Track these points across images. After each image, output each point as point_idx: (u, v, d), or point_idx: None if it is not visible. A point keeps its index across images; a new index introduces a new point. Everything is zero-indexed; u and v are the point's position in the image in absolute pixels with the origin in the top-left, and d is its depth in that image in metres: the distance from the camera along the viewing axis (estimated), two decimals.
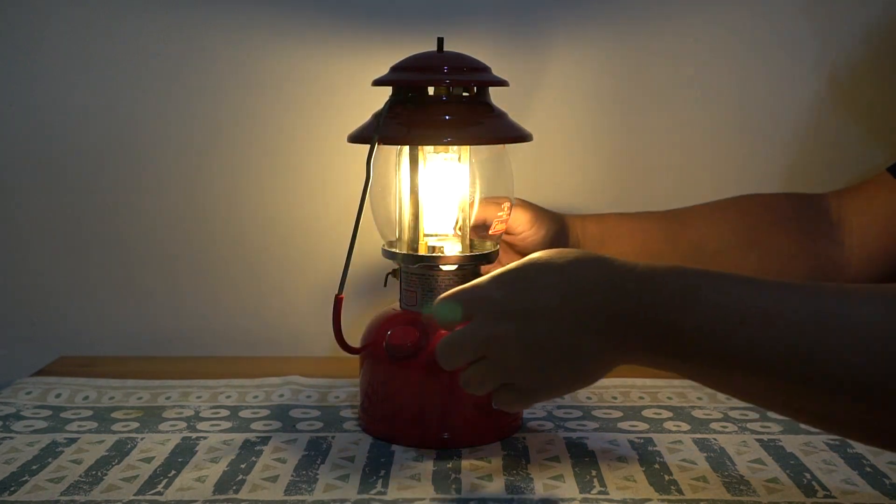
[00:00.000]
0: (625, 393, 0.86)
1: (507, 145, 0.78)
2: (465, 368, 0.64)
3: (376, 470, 0.69)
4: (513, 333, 0.60)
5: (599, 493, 0.65)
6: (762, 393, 0.54)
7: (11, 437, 0.75)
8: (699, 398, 0.85)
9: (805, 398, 0.51)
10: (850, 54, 0.99)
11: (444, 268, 0.75)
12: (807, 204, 0.90)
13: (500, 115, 0.75)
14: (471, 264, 0.76)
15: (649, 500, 0.64)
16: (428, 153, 0.75)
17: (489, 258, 0.77)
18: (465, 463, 0.70)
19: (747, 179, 1.01)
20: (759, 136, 1.00)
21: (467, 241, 0.78)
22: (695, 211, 0.91)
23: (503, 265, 0.64)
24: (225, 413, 0.81)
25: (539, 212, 0.86)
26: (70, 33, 0.98)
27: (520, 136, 0.74)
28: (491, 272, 0.64)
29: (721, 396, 0.85)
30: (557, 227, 0.86)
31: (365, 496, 0.64)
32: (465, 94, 0.74)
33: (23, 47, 0.98)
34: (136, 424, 0.78)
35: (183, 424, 0.78)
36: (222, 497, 0.64)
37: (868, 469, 0.69)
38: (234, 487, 0.66)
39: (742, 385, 0.55)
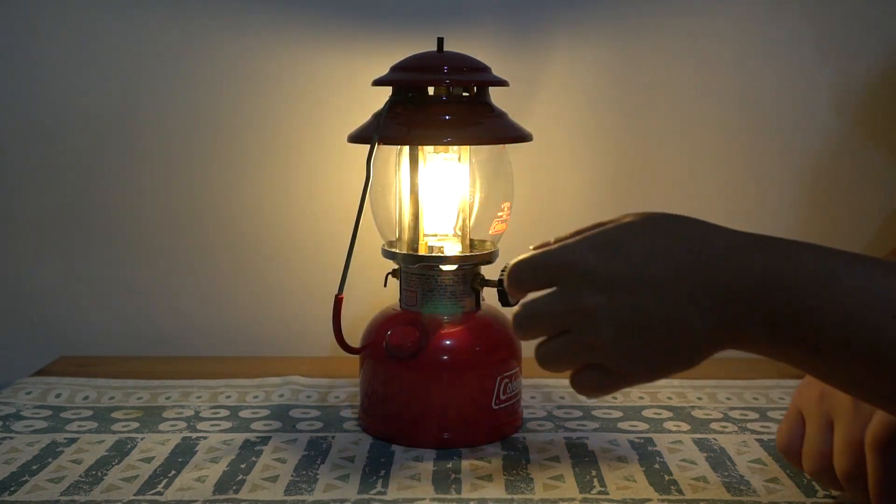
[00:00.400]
0: (625, 393, 0.86)
1: (507, 145, 0.78)
2: (544, 342, 0.56)
3: (376, 470, 0.69)
4: (610, 307, 0.52)
5: (599, 493, 0.65)
6: None
7: (11, 437, 0.75)
8: (699, 398, 0.85)
9: None
10: (854, 52, 0.99)
11: (444, 268, 0.75)
12: None
13: (500, 115, 0.75)
14: (471, 264, 0.76)
15: (649, 500, 0.64)
16: (428, 153, 0.75)
17: (489, 258, 0.77)
18: (465, 463, 0.70)
19: (749, 179, 1.01)
20: (761, 135, 1.00)
21: (467, 241, 0.78)
22: None
23: None
24: (225, 413, 0.81)
25: None
26: (70, 33, 0.98)
27: (520, 136, 0.74)
28: (581, 233, 0.56)
29: (721, 396, 0.85)
30: None
31: (365, 496, 0.64)
32: (465, 94, 0.74)
33: (23, 47, 0.98)
34: (136, 424, 0.78)
35: (183, 424, 0.78)
36: (222, 497, 0.64)
37: None
38: (234, 487, 0.66)
39: (882, 387, 0.48)
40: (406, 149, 0.75)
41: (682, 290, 0.50)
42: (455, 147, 0.76)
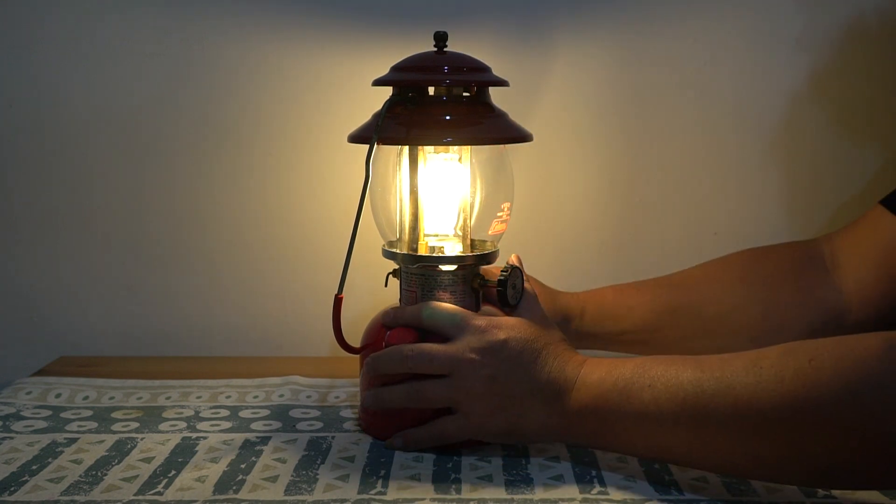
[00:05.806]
0: None
1: (507, 146, 0.78)
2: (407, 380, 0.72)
3: (376, 470, 0.69)
4: (496, 367, 0.69)
5: (599, 493, 0.65)
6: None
7: (11, 437, 0.75)
8: None
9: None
10: (849, 54, 0.99)
11: (444, 268, 0.75)
12: (802, 252, 0.87)
13: (501, 115, 0.75)
14: (471, 264, 0.76)
15: (649, 500, 0.64)
16: (428, 153, 0.75)
17: (489, 258, 0.77)
18: (465, 463, 0.70)
19: (746, 181, 1.01)
20: (759, 136, 1.00)
21: (467, 242, 0.78)
22: (692, 275, 0.88)
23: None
24: (225, 413, 0.81)
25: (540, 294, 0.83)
26: (70, 33, 0.98)
27: (520, 136, 0.74)
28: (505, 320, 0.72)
29: None
30: (552, 310, 0.83)
31: (365, 496, 0.64)
32: (465, 94, 0.74)
33: (23, 47, 0.98)
34: (136, 424, 0.78)
35: (183, 424, 0.78)
36: (222, 497, 0.64)
37: None
38: (234, 487, 0.66)
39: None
40: (406, 149, 0.75)
41: (540, 381, 0.68)
42: (455, 147, 0.76)
